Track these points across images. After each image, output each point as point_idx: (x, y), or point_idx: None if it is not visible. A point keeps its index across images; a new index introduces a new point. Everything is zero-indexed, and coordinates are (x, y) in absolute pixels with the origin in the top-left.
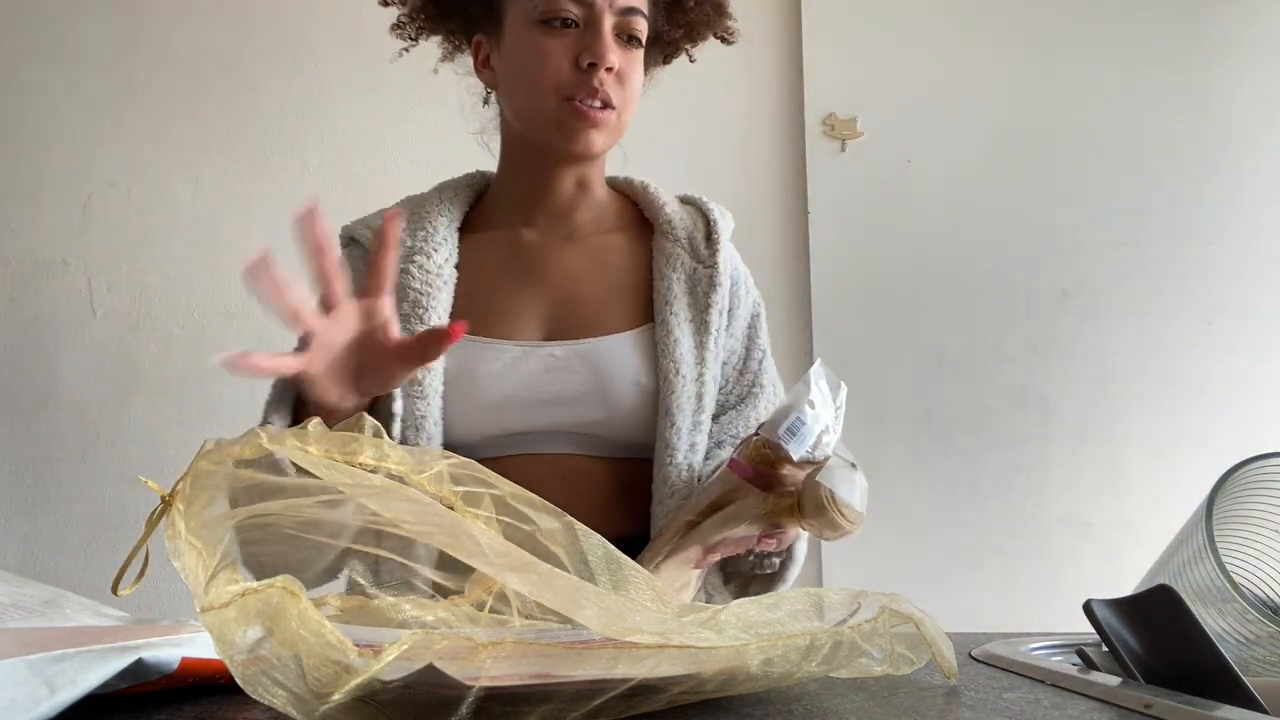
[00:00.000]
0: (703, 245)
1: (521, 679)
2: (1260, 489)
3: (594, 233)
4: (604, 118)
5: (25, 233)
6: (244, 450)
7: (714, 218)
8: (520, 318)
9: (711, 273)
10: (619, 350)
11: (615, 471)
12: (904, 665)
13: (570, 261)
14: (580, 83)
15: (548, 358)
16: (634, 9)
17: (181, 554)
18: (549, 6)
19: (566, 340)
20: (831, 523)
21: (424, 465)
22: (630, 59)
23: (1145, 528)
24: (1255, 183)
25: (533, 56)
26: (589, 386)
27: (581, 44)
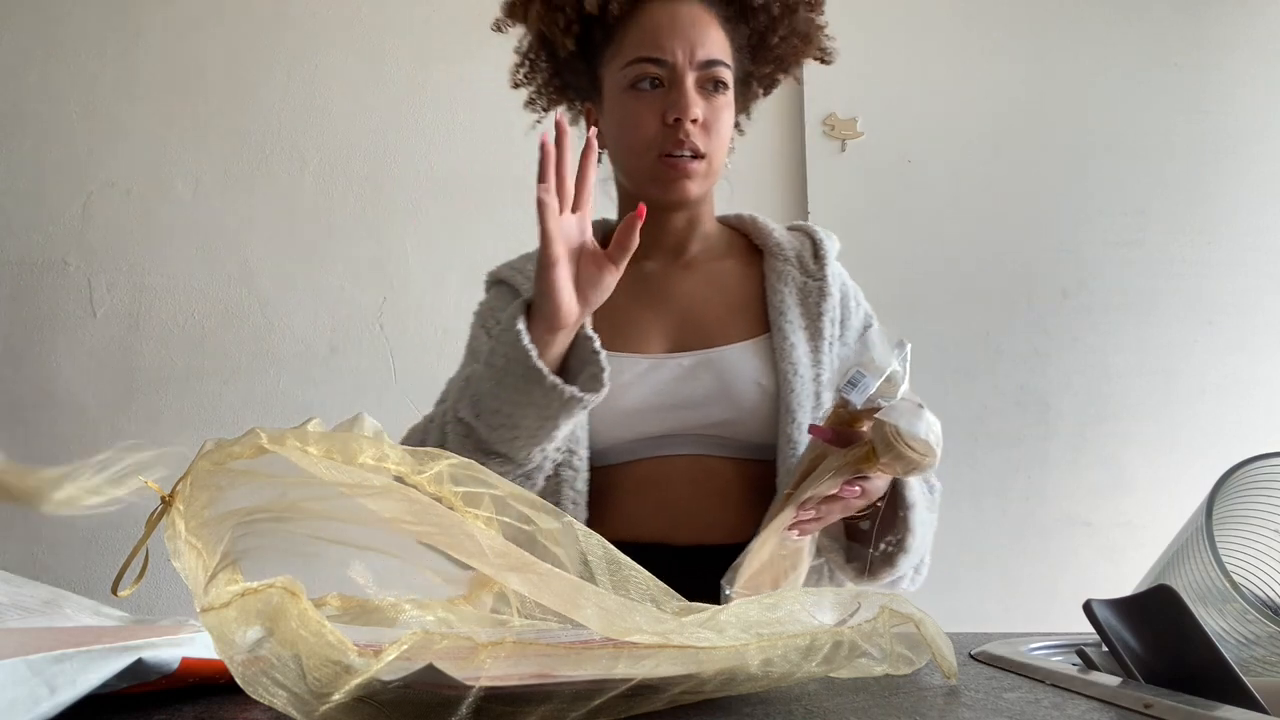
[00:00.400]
0: (811, 261)
1: (521, 679)
2: (1260, 489)
3: (708, 260)
4: (695, 167)
5: (25, 233)
6: (244, 450)
7: (819, 238)
8: (648, 335)
9: (821, 284)
10: (740, 357)
11: (742, 470)
12: (904, 665)
13: (689, 285)
14: (669, 137)
15: (676, 367)
16: (713, 61)
17: (181, 554)
18: (635, 73)
19: (692, 351)
20: (900, 455)
21: (424, 465)
22: (715, 106)
23: (1145, 528)
24: (1255, 183)
25: (627, 119)
26: (715, 390)
27: (667, 101)
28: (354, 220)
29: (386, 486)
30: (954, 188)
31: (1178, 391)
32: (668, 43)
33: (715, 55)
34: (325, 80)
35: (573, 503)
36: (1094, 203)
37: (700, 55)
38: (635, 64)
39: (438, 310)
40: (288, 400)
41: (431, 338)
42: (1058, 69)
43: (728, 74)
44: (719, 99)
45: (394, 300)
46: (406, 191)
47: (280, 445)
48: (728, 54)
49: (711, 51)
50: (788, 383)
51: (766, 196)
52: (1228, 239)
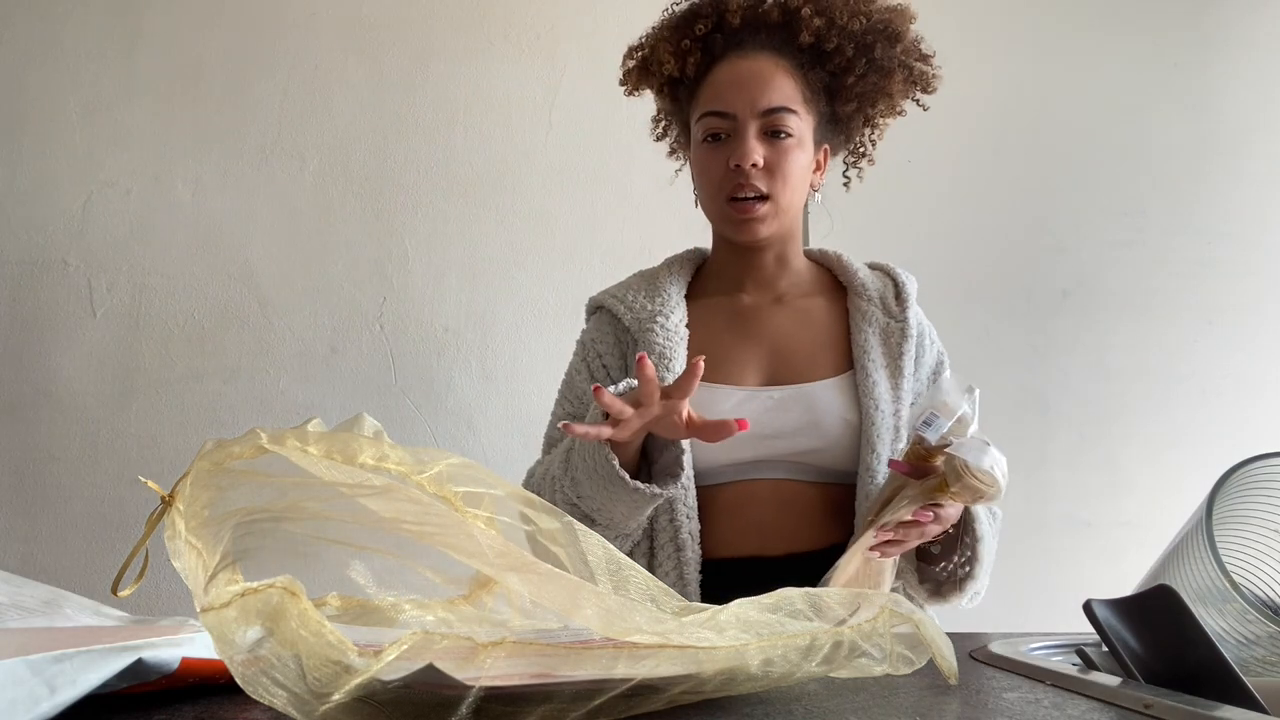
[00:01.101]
0: (893, 303)
1: (521, 679)
2: (1260, 489)
3: (798, 296)
4: (760, 210)
5: (25, 233)
6: (244, 450)
7: (901, 280)
8: (744, 368)
9: (903, 326)
10: (828, 393)
11: (825, 493)
12: (904, 665)
13: (780, 321)
14: (732, 181)
15: (768, 400)
16: (775, 109)
17: (181, 554)
18: (705, 127)
19: (783, 385)
20: (968, 486)
21: (424, 465)
22: (779, 150)
23: (1145, 528)
24: (1255, 183)
25: (700, 168)
26: (804, 423)
27: (730, 150)
28: (354, 220)
29: (386, 486)
30: (954, 188)
31: (1178, 391)
32: (731, 97)
33: (777, 103)
34: (325, 80)
35: (686, 517)
36: (1094, 203)
37: (761, 104)
38: (705, 118)
39: (438, 310)
40: (288, 400)
41: (431, 338)
42: (1058, 69)
43: (791, 120)
44: (784, 143)
45: (394, 300)
46: (406, 191)
47: (280, 445)
48: (795, 99)
49: (773, 100)
50: (869, 418)
51: None
52: (1228, 239)
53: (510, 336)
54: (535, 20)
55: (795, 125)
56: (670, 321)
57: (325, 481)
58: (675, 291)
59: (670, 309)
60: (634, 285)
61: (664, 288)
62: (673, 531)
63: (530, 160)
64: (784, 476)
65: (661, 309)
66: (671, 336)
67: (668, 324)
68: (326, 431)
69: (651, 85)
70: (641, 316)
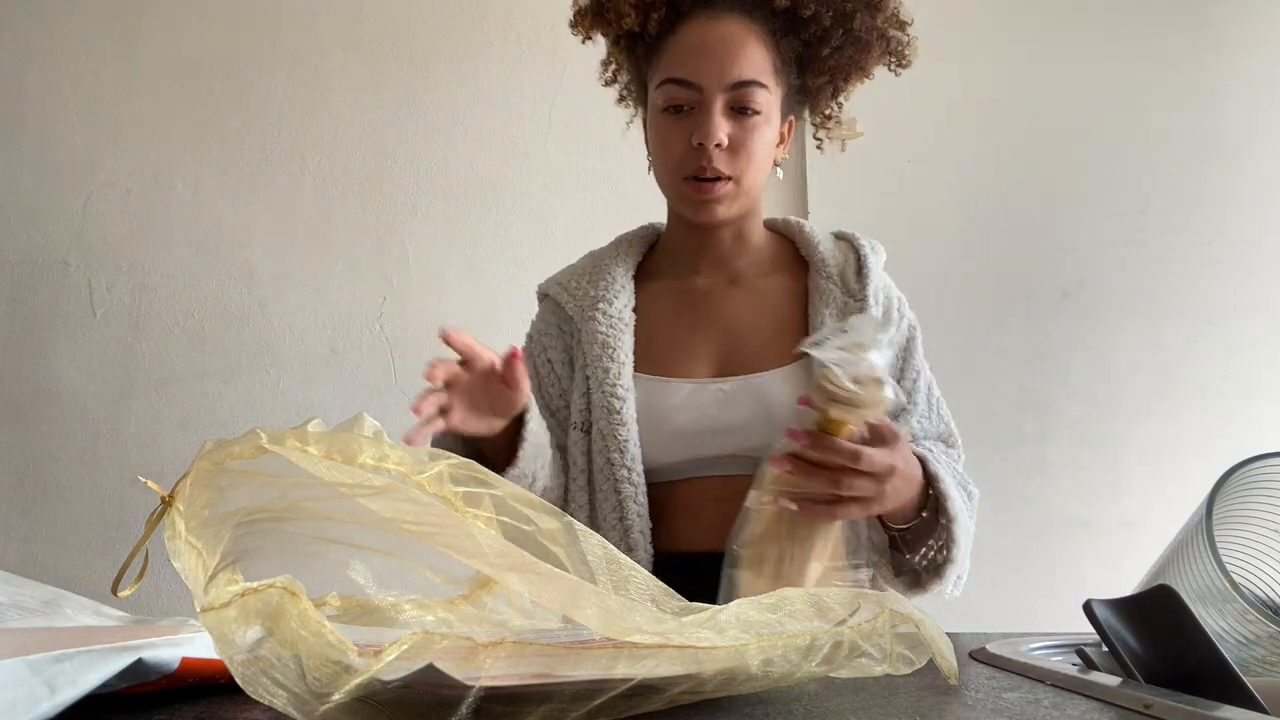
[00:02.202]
0: (853, 279)
1: (521, 679)
2: (1260, 489)
3: (755, 276)
4: (721, 190)
5: (25, 233)
6: (244, 450)
7: (864, 252)
8: (694, 358)
9: (861, 305)
10: (779, 383)
11: None
12: (904, 665)
13: (735, 305)
14: (694, 160)
15: (718, 393)
16: (744, 82)
17: (181, 554)
18: (666, 95)
19: (734, 376)
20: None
21: (424, 465)
22: (745, 128)
23: (1145, 528)
24: (1255, 183)
25: (658, 141)
26: (755, 416)
27: (693, 125)
28: (354, 220)
29: (386, 486)
30: (954, 188)
31: (1178, 391)
32: (696, 64)
33: (747, 76)
34: (325, 80)
35: (637, 515)
36: (1094, 203)
37: (730, 77)
38: (666, 85)
39: (438, 310)
40: (288, 400)
41: (431, 338)
42: (1058, 69)
43: (762, 95)
44: (751, 121)
45: (394, 300)
46: (406, 191)
47: (280, 445)
48: (766, 72)
49: (743, 72)
50: None
51: (767, 196)
52: (1228, 239)
53: (510, 336)
54: (535, 20)
55: (764, 101)
56: (614, 307)
57: (325, 481)
58: (622, 274)
59: (615, 293)
60: (579, 269)
61: (609, 271)
62: (623, 531)
63: (530, 160)
64: (737, 472)
65: (605, 294)
66: (616, 324)
67: (611, 310)
68: (326, 431)
69: (606, 34)
70: (583, 303)
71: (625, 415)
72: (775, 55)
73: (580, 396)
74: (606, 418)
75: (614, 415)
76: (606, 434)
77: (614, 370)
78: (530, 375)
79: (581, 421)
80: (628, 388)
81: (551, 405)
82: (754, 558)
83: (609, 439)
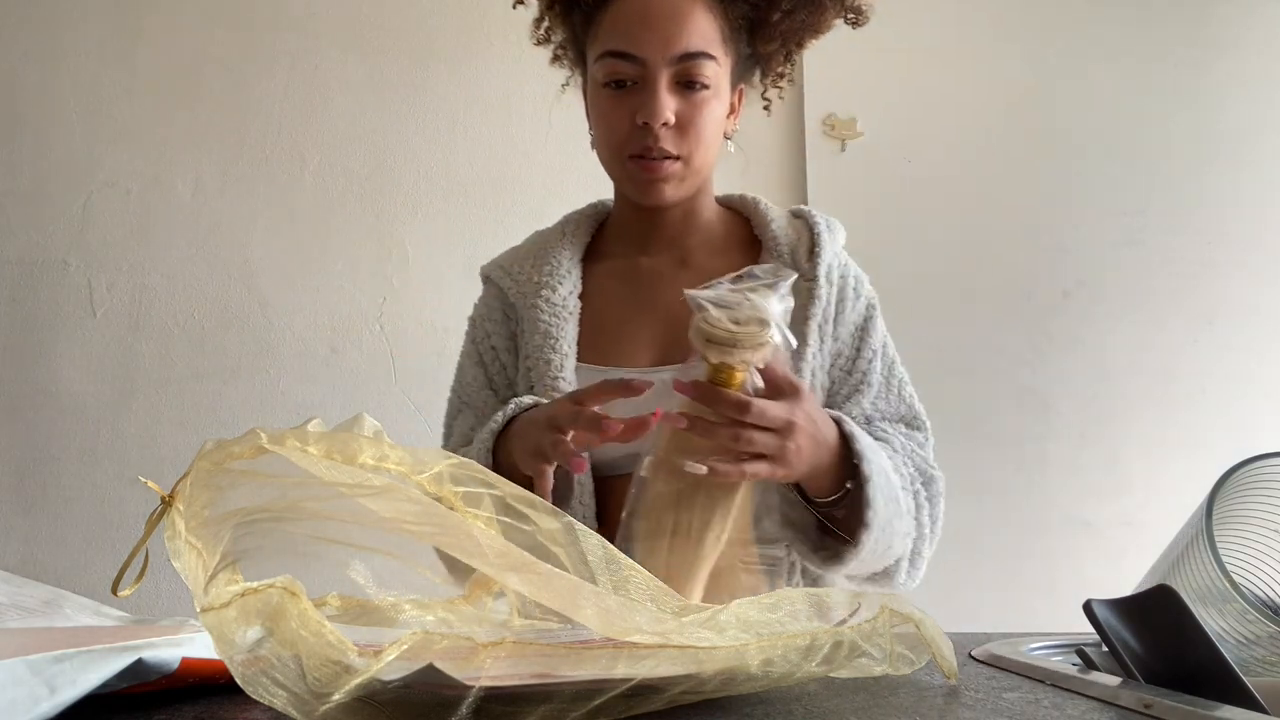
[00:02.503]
0: (805, 259)
1: (521, 679)
2: (1260, 489)
3: (706, 256)
4: (669, 169)
5: (25, 233)
6: (244, 450)
7: (819, 230)
8: (636, 345)
9: (811, 286)
10: None
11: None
12: (904, 665)
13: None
14: (639, 140)
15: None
16: (691, 54)
17: (181, 554)
18: (606, 69)
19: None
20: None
21: (424, 465)
22: (694, 104)
23: (1145, 528)
24: (1255, 182)
25: (600, 117)
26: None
27: (637, 102)
28: (354, 220)
29: (386, 486)
30: (954, 188)
31: (1178, 391)
32: (639, 36)
33: (694, 47)
34: (325, 80)
35: (582, 517)
36: (1094, 203)
37: (676, 49)
38: (606, 58)
39: (438, 310)
40: (288, 400)
41: (431, 338)
42: (1057, 69)
43: (710, 68)
44: (699, 96)
45: (394, 300)
46: (406, 191)
47: (280, 445)
48: (714, 42)
49: (690, 43)
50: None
51: (766, 196)
52: (1228, 239)
53: None
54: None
55: (712, 73)
56: (558, 294)
57: (325, 481)
58: (568, 257)
59: (560, 278)
60: (524, 251)
61: (554, 253)
62: None
63: (530, 160)
64: None
65: (549, 279)
66: (559, 311)
67: (554, 297)
68: (326, 431)
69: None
70: (526, 289)
71: None
72: (723, 23)
73: (524, 389)
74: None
75: None
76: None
77: (556, 362)
78: (475, 362)
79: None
80: (570, 381)
81: (499, 393)
82: (648, 530)
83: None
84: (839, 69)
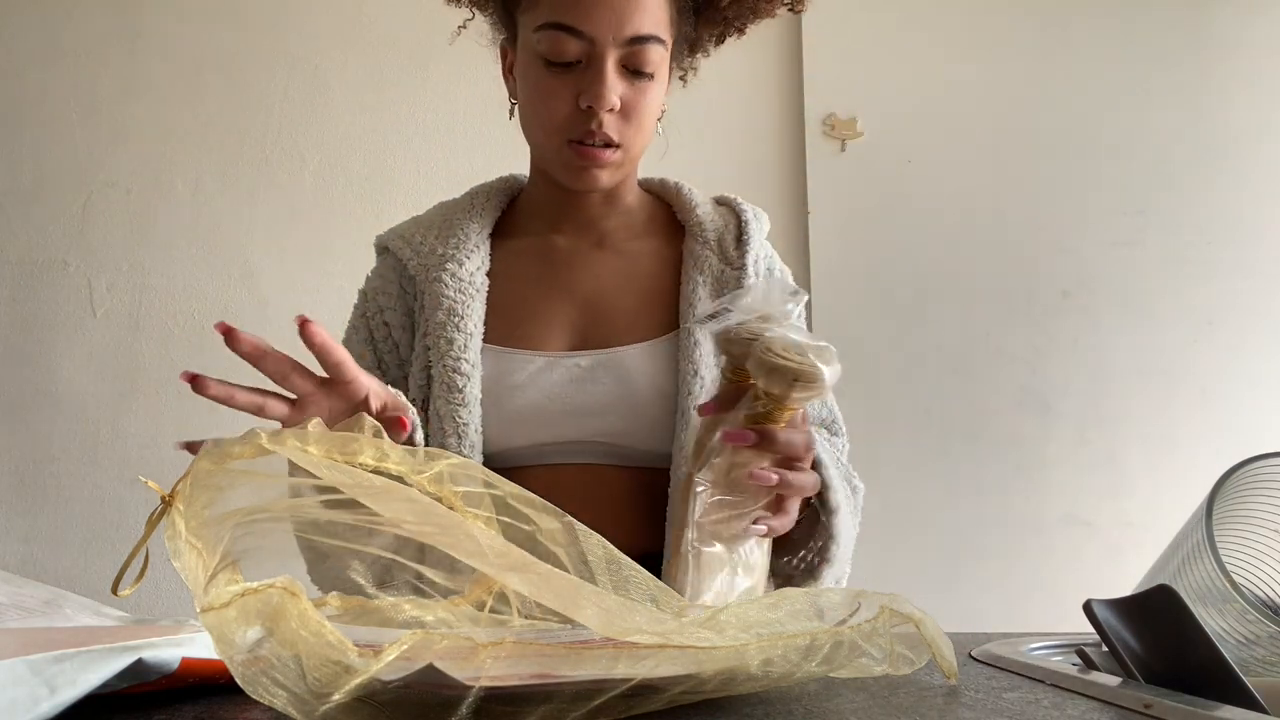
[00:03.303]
0: (732, 247)
1: (521, 679)
2: (1260, 489)
3: (625, 239)
4: (608, 157)
5: (25, 233)
6: (244, 450)
7: (746, 218)
8: (549, 328)
9: (739, 274)
10: (642, 359)
11: (639, 481)
12: (904, 665)
13: (600, 270)
14: (580, 123)
15: (574, 368)
16: (642, 37)
17: (181, 554)
18: (549, 46)
19: (593, 350)
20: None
21: (424, 465)
22: (638, 90)
23: (1145, 528)
24: (1255, 183)
25: (537, 94)
26: (614, 397)
27: (582, 82)
28: (354, 220)
29: (386, 486)
30: (954, 188)
31: (1178, 391)
32: (589, 10)
33: (646, 30)
34: (325, 80)
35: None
36: (1094, 203)
37: (627, 30)
38: (548, 30)
39: None
40: None
41: None
42: (1058, 69)
43: (658, 53)
44: (644, 83)
45: None
46: (406, 191)
47: (280, 445)
48: (663, 24)
49: (642, 25)
50: (686, 384)
51: (766, 196)
52: (1228, 239)
53: None
54: None
55: (658, 59)
56: (465, 269)
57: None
58: (476, 231)
59: (467, 253)
60: (427, 222)
61: (462, 226)
62: None
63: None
64: (590, 461)
65: (455, 253)
66: (466, 288)
67: (460, 271)
68: (326, 431)
69: None
70: (429, 262)
71: (468, 395)
72: (672, 3)
73: (420, 370)
74: (446, 396)
75: (454, 394)
76: (444, 415)
77: (460, 341)
78: (364, 339)
79: (419, 398)
80: (473, 363)
81: (389, 374)
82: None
83: (446, 421)
84: (839, 69)
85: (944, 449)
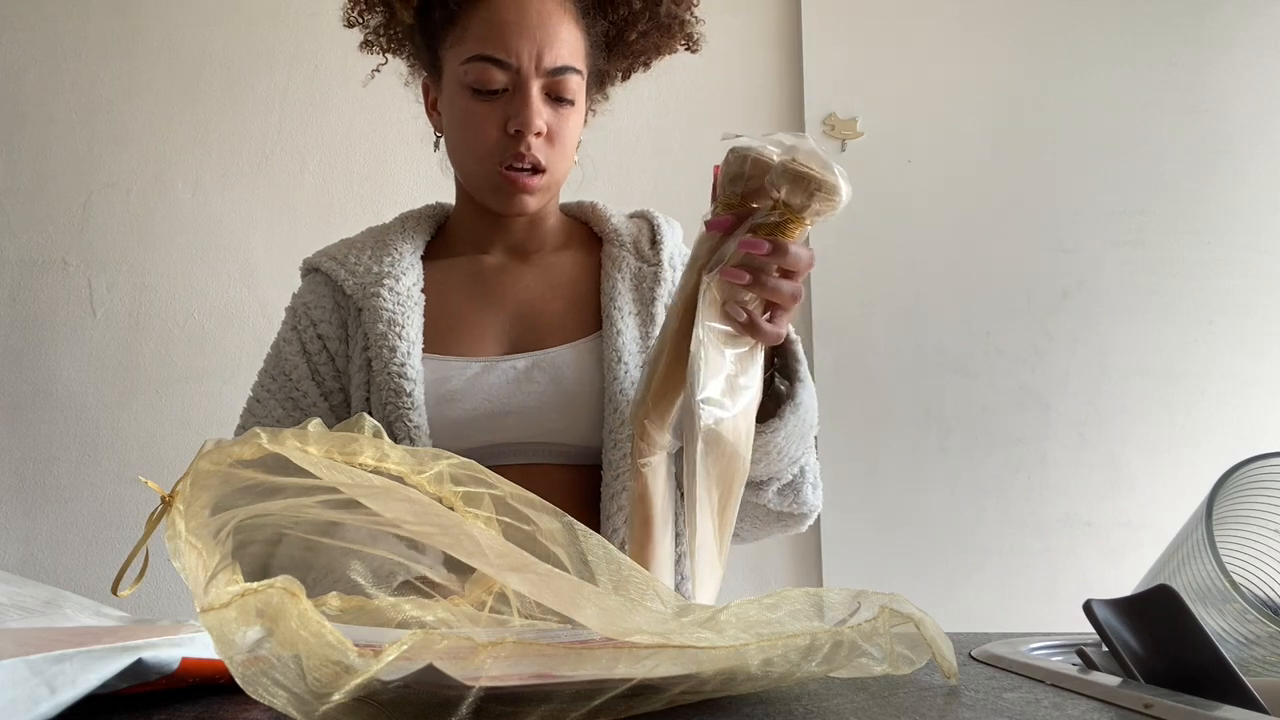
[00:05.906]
0: (647, 247)
1: (521, 679)
2: (1260, 489)
3: (549, 252)
4: (535, 182)
5: (25, 233)
6: (244, 450)
7: (658, 223)
8: (483, 336)
9: (656, 269)
10: (573, 357)
11: (572, 477)
12: (904, 665)
13: (528, 280)
14: (509, 149)
15: (509, 370)
16: (563, 68)
17: (181, 554)
18: (476, 73)
19: (527, 352)
20: (804, 176)
21: (424, 465)
22: (561, 116)
23: (1145, 528)
24: (1255, 183)
25: (465, 123)
26: (550, 395)
27: (509, 110)
28: (354, 220)
29: (386, 486)
30: (954, 188)
31: (1178, 391)
32: (513, 43)
33: (565, 61)
34: (325, 80)
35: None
36: (1094, 203)
37: (548, 61)
38: (476, 62)
39: None
40: None
41: None
42: (1057, 69)
43: (577, 83)
44: (565, 109)
45: None
46: (406, 191)
47: (280, 445)
48: (580, 56)
49: (561, 56)
50: (613, 375)
51: None
52: (1228, 239)
53: None
54: None
55: (577, 87)
56: (402, 285)
57: (325, 482)
58: (409, 250)
59: (402, 270)
60: (358, 244)
61: (395, 246)
62: None
63: None
64: (528, 461)
65: (391, 269)
66: (404, 301)
67: (398, 286)
68: (326, 431)
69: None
70: (365, 280)
71: (416, 399)
72: (586, 38)
73: (361, 384)
74: (395, 402)
75: (403, 399)
76: (393, 420)
77: (402, 349)
78: (297, 350)
79: (361, 410)
80: (415, 369)
81: (325, 387)
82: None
83: (396, 426)
84: (839, 69)
85: (944, 449)
